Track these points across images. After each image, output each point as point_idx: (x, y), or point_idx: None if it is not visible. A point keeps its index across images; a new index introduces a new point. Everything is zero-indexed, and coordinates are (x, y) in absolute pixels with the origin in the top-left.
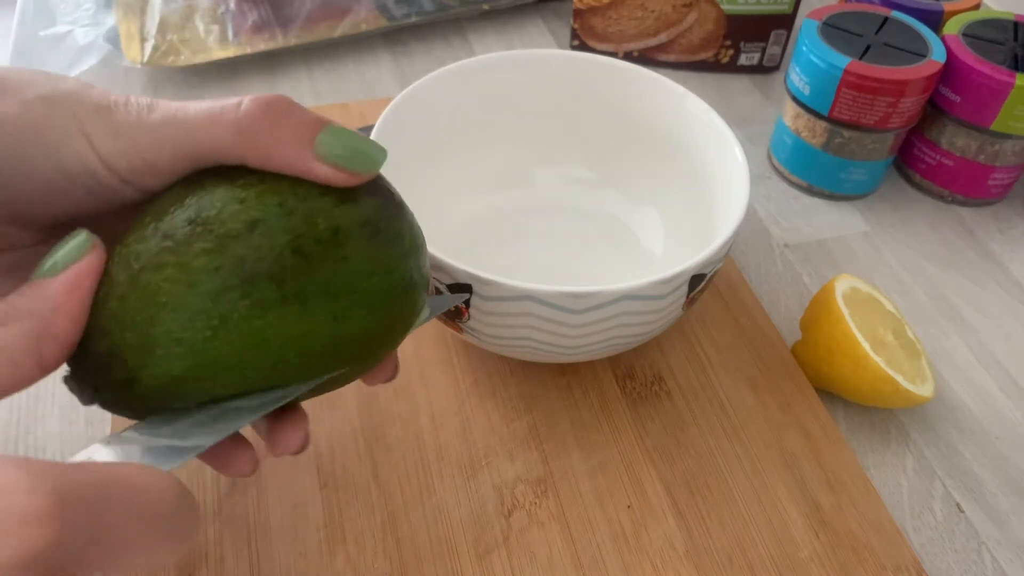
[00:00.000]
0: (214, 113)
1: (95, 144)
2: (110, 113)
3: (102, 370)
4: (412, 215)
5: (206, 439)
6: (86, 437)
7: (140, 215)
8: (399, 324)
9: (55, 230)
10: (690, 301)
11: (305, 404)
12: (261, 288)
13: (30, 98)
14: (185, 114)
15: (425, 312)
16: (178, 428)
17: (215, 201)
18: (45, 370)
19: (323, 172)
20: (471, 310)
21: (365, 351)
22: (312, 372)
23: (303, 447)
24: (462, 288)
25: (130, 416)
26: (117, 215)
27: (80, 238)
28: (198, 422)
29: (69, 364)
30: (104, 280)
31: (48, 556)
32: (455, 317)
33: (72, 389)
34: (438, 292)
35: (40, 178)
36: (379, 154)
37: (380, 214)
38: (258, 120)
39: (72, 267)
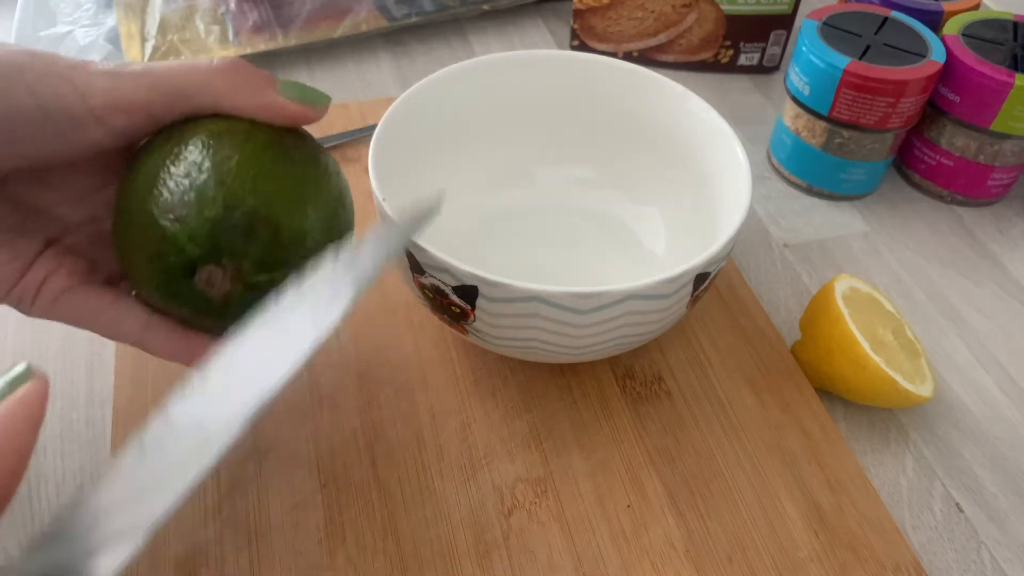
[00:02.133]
0: (190, 64)
1: (76, 82)
2: (89, 62)
3: (247, 234)
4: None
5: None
6: (86, 437)
7: (158, 155)
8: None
9: (17, 177)
10: (694, 300)
11: (305, 405)
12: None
13: (13, 48)
14: (162, 65)
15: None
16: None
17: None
18: None
19: (291, 108)
20: (476, 311)
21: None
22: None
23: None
24: (468, 290)
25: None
26: (83, 162)
27: (20, 368)
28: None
29: (201, 263)
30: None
31: None
32: (460, 318)
33: (213, 280)
34: (441, 294)
35: (17, 111)
36: (325, 96)
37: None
38: (231, 69)
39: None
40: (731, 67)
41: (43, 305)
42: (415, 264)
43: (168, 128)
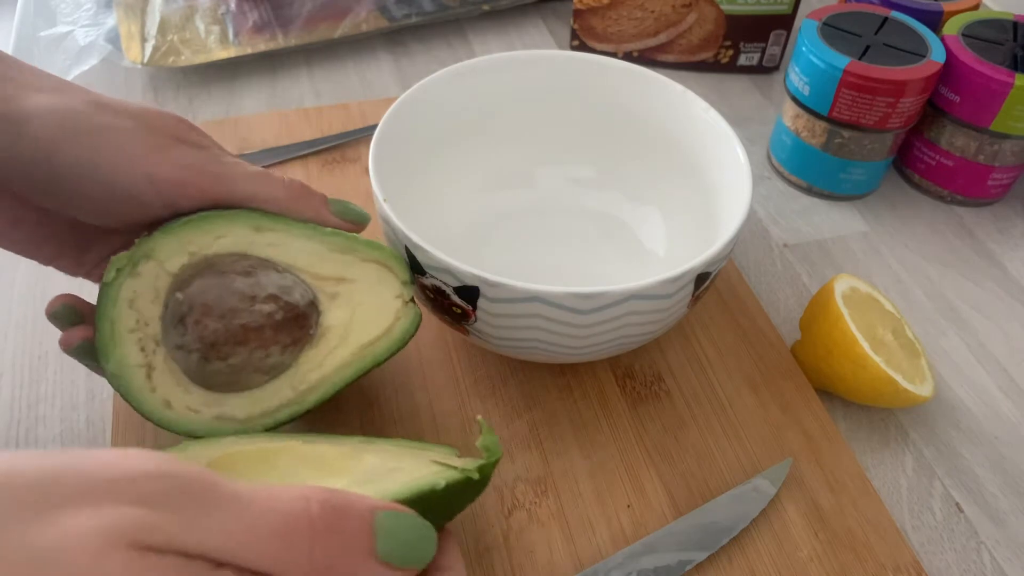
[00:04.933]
0: (264, 174)
1: (153, 173)
2: (172, 146)
3: None
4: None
5: None
6: (86, 437)
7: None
8: None
9: (83, 233)
10: (694, 300)
11: None
12: None
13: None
14: (239, 169)
15: None
16: None
17: None
18: None
19: (334, 221)
20: (478, 312)
21: None
22: None
23: None
24: (469, 290)
25: None
26: (139, 226)
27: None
28: None
29: None
30: None
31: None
32: (461, 319)
33: None
34: (442, 294)
35: (95, 191)
36: (366, 215)
37: None
38: (296, 187)
39: None
40: (731, 67)
41: None
42: (416, 265)
43: None
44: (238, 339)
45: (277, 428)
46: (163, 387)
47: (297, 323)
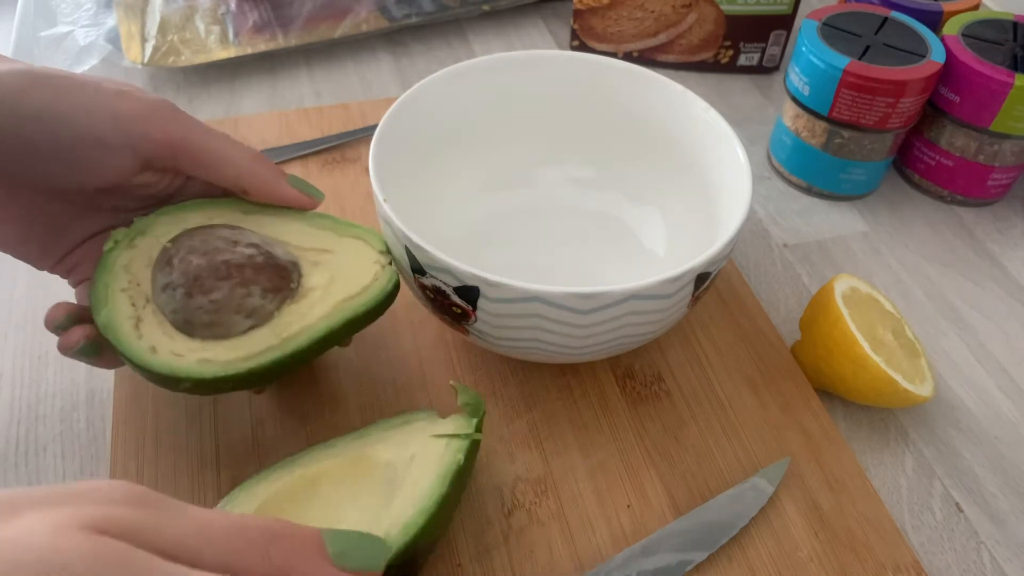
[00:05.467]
0: (225, 135)
1: (117, 109)
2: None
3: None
4: None
5: None
6: (86, 437)
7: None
8: None
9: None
10: (694, 300)
11: (306, 405)
12: None
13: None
14: (201, 123)
15: None
16: None
17: None
18: None
19: (290, 192)
20: (478, 312)
21: None
22: None
23: None
24: (469, 290)
25: None
26: (104, 194)
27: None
28: None
29: None
30: None
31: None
32: (461, 319)
33: None
34: (442, 294)
35: (62, 138)
36: (319, 192)
37: None
38: (258, 153)
39: None
40: (731, 67)
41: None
42: (416, 265)
43: None
44: (220, 274)
45: (260, 373)
46: (149, 335)
47: (278, 272)
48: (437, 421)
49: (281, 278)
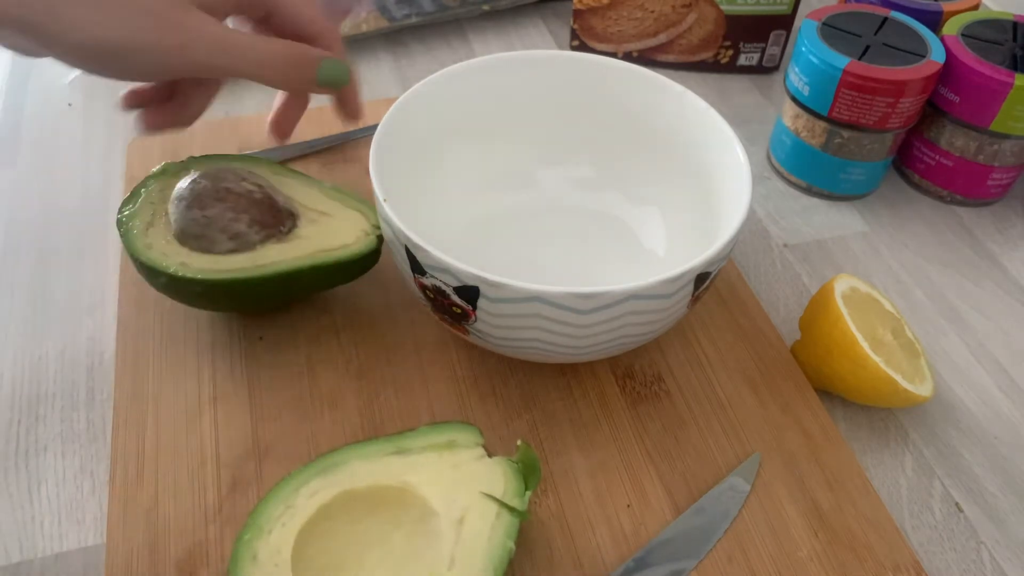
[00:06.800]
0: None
1: None
2: None
3: None
4: None
5: None
6: (86, 437)
7: None
8: None
9: None
10: (694, 300)
11: (305, 405)
12: None
13: None
14: None
15: None
16: None
17: None
18: None
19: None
20: (478, 312)
21: None
22: None
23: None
24: (469, 290)
25: None
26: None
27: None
28: None
29: None
30: None
31: None
32: (461, 319)
33: None
34: (442, 294)
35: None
36: (344, 76)
37: None
38: (296, 54)
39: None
40: (731, 67)
41: None
42: (416, 265)
43: None
44: (219, 195)
45: (224, 288)
46: (152, 236)
47: (270, 211)
48: (484, 459)
49: (272, 217)
